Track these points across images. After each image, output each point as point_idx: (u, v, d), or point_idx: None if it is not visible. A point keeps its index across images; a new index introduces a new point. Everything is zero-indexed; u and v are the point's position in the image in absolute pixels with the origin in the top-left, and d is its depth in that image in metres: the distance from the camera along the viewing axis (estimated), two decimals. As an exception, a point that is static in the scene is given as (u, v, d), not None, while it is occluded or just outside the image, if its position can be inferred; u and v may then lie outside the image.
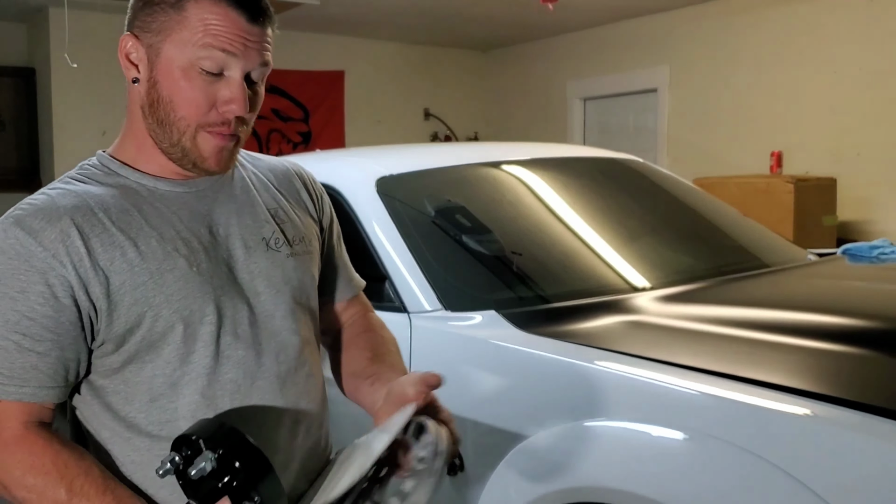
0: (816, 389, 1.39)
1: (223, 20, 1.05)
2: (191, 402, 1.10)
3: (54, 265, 1.04)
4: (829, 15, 4.91)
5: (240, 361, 1.13)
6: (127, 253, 1.07)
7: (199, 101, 1.07)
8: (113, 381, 1.11)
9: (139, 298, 1.07)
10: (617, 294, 2.04)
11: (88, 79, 5.43)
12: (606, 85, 6.32)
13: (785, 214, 4.14)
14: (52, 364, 1.05)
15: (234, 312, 1.13)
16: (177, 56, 1.06)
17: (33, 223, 1.05)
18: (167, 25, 1.06)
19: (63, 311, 1.05)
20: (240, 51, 1.06)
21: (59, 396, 1.08)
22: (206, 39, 1.05)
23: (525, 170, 2.58)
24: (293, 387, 1.18)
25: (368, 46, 6.78)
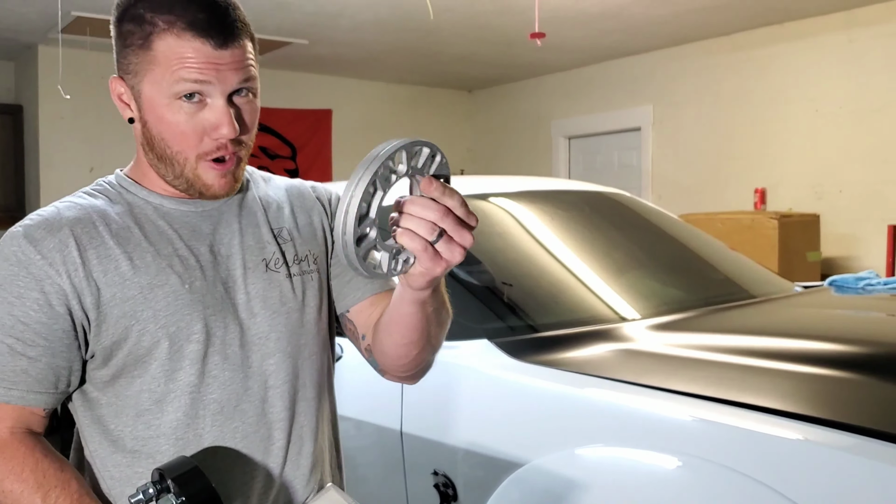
0: (810, 413, 1.39)
1: (190, 51, 1.04)
2: (173, 420, 1.10)
3: (50, 273, 1.06)
4: (810, 54, 5.00)
5: (225, 383, 1.12)
6: (120, 266, 1.08)
7: (188, 133, 1.07)
8: (106, 394, 1.11)
9: (127, 312, 1.07)
10: (606, 323, 2.05)
11: (76, 116, 5.45)
12: (591, 124, 6.39)
13: (770, 250, 4.17)
14: (41, 370, 1.07)
15: (224, 333, 1.12)
16: (155, 95, 1.07)
17: (36, 233, 1.08)
18: (141, 66, 1.07)
19: (56, 318, 1.06)
20: (213, 77, 1.05)
21: (48, 402, 1.09)
22: (178, 74, 1.04)
23: (513, 202, 2.59)
24: (282, 412, 1.16)
25: (355, 86, 6.84)
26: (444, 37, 5.38)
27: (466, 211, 0.93)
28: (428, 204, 0.91)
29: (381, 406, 1.93)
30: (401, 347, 1.15)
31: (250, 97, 1.11)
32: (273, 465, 1.15)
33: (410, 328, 1.10)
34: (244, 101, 1.10)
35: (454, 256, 0.93)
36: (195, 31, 1.04)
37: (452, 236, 0.92)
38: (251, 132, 1.13)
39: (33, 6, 4.51)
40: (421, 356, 1.16)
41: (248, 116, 1.11)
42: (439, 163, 0.95)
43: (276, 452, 1.15)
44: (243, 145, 1.12)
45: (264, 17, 4.78)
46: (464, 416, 1.78)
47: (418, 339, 1.12)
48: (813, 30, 4.98)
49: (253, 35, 1.12)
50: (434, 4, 4.03)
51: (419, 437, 1.85)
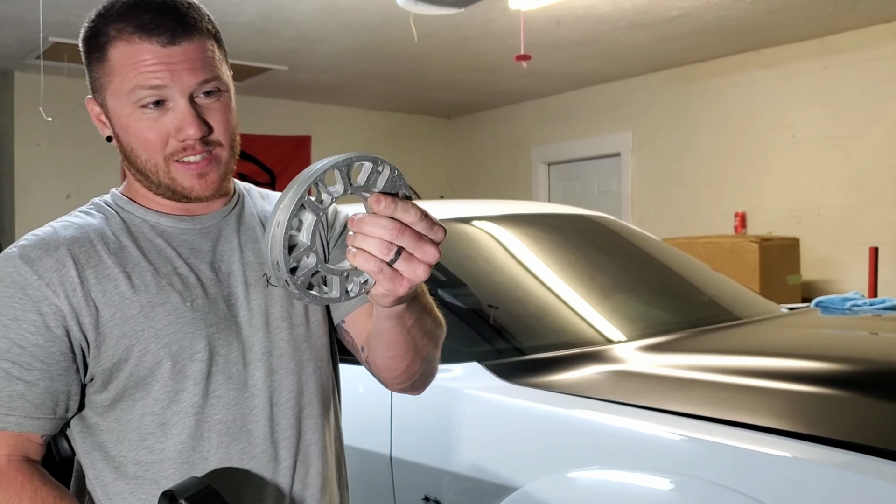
0: (801, 430, 1.39)
1: (140, 55, 1.03)
2: (178, 443, 1.07)
3: (48, 294, 1.03)
4: (787, 81, 5.06)
5: (230, 402, 1.09)
6: (119, 286, 1.06)
7: (153, 139, 1.06)
8: (106, 420, 1.08)
9: (127, 332, 1.04)
10: (594, 346, 2.03)
11: (52, 143, 5.40)
12: (570, 150, 6.42)
13: (751, 274, 4.19)
14: (39, 394, 1.03)
15: (227, 351, 1.09)
16: (117, 106, 1.06)
17: (32, 253, 1.05)
18: (102, 81, 1.07)
19: (54, 341, 1.03)
20: (167, 78, 1.03)
21: (46, 428, 1.05)
22: (134, 81, 1.03)
23: (498, 226, 2.58)
24: (287, 430, 1.13)
25: (334, 112, 6.84)
26: (426, 63, 5.40)
27: (429, 224, 0.86)
28: (380, 221, 0.84)
29: (369, 430, 1.90)
30: (388, 360, 1.12)
31: (219, 97, 1.08)
32: (282, 485, 1.12)
33: (393, 342, 1.07)
34: (211, 101, 1.08)
35: (417, 274, 0.86)
36: (142, 32, 1.03)
37: (413, 253, 0.86)
38: (227, 132, 1.10)
39: (9, 33, 4.47)
40: (412, 368, 1.13)
41: (217, 115, 1.08)
42: (389, 177, 0.87)
43: (284, 472, 1.12)
44: (218, 145, 1.09)
45: (244, 43, 4.77)
46: (454, 440, 1.75)
47: (404, 351, 1.08)
48: (788, 57, 5.05)
49: (215, 34, 1.10)
50: (416, 31, 4.05)
51: (409, 461, 1.82)
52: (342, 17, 4.33)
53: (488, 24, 4.50)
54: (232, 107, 1.11)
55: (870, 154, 4.71)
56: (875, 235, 4.61)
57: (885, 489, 1.24)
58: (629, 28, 4.65)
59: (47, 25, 4.28)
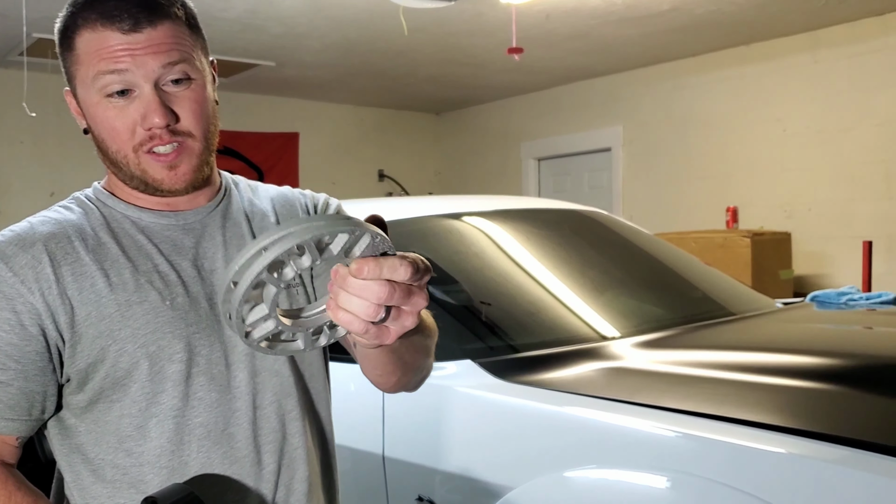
0: (799, 426, 1.38)
1: (104, 41, 1.01)
2: (157, 447, 1.03)
3: (22, 291, 1.00)
4: (777, 75, 5.05)
5: (211, 405, 1.05)
6: (96, 283, 1.02)
7: (120, 128, 1.03)
8: (84, 421, 1.05)
9: (103, 331, 1.01)
10: (588, 343, 2.01)
11: (35, 140, 5.34)
12: (560, 145, 6.40)
13: (743, 268, 4.18)
14: (13, 395, 1.00)
15: (209, 352, 1.06)
16: (85, 96, 1.05)
17: (7, 249, 1.02)
18: (73, 70, 1.05)
19: (29, 340, 1.00)
20: (129, 64, 1.00)
21: (21, 430, 1.02)
22: (97, 68, 1.01)
23: (489, 221, 2.55)
24: (270, 433, 1.09)
25: (322, 109, 6.80)
26: (414, 58, 5.37)
27: (416, 270, 0.77)
28: (367, 284, 0.75)
29: (361, 429, 1.87)
30: (379, 377, 1.09)
31: (189, 85, 1.05)
32: (266, 491, 1.08)
33: (381, 363, 1.04)
34: (179, 89, 1.04)
35: (406, 325, 0.80)
36: (105, 19, 1.01)
37: (403, 308, 0.79)
38: (198, 122, 1.06)
39: (-8, 27, 4.41)
40: (403, 380, 1.10)
41: (185, 103, 1.05)
42: (369, 244, 0.76)
43: (268, 477, 1.08)
44: (188, 135, 1.05)
45: (231, 38, 4.73)
46: (448, 439, 1.72)
47: (393, 369, 1.05)
48: (779, 51, 5.03)
49: (188, 20, 1.07)
50: (405, 25, 4.01)
51: (402, 461, 1.79)
52: (329, 11, 4.29)
53: (478, 19, 4.46)
54: (206, 96, 1.07)
55: (861, 148, 4.70)
56: (866, 229, 4.61)
57: (882, 485, 1.22)
58: (620, 22, 4.63)
59: (30, 21, 4.22)
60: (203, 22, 1.11)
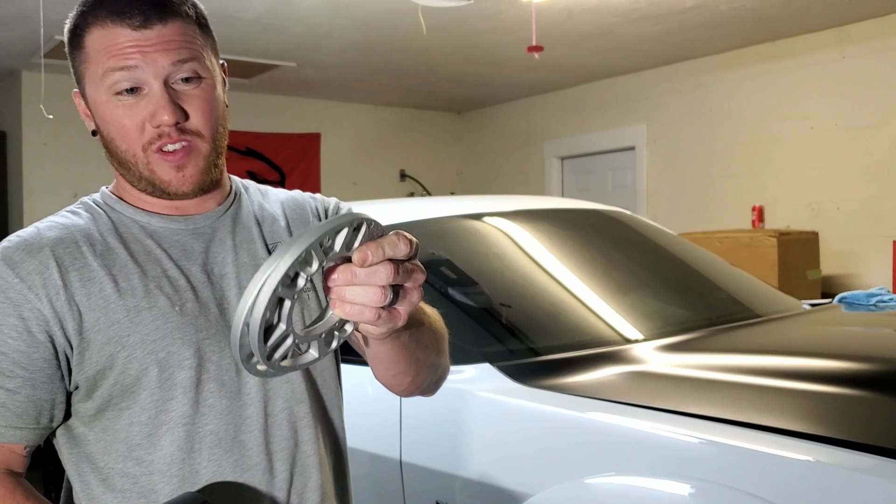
0: (827, 433, 1.34)
1: (113, 38, 1.00)
2: (167, 455, 1.01)
3: (29, 297, 0.98)
4: (804, 72, 4.97)
5: (222, 412, 1.03)
6: (105, 289, 1.00)
7: (129, 127, 1.02)
8: (93, 430, 1.03)
9: (112, 337, 0.99)
10: (610, 346, 1.97)
11: (59, 142, 5.38)
12: (583, 144, 6.35)
13: (769, 269, 4.11)
14: (21, 403, 0.98)
15: (219, 358, 1.03)
16: (94, 94, 1.03)
17: (14, 255, 1.00)
18: (82, 69, 1.04)
19: (37, 347, 0.98)
20: (139, 61, 0.99)
21: (29, 439, 1.00)
22: (106, 65, 1.00)
23: (510, 222, 2.52)
24: (282, 441, 1.07)
25: (344, 109, 6.80)
26: (435, 57, 5.34)
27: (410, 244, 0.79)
28: (372, 270, 0.76)
29: (378, 433, 1.85)
30: (392, 378, 1.08)
31: (199, 84, 1.03)
32: (278, 499, 1.06)
33: (393, 362, 1.02)
34: (189, 87, 1.03)
35: (413, 301, 0.82)
36: (115, 16, 1.00)
37: (407, 285, 0.81)
38: (207, 122, 1.04)
39: (15, 31, 4.44)
40: (417, 380, 1.08)
41: (195, 102, 1.03)
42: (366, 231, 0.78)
43: (280, 486, 1.06)
44: (196, 135, 1.03)
45: (251, 39, 4.72)
46: (466, 444, 1.69)
47: (406, 368, 1.04)
48: (805, 47, 4.96)
49: (198, 19, 1.05)
50: (425, 24, 3.98)
51: (419, 466, 1.76)
52: (349, 11, 4.28)
53: (499, 17, 4.43)
54: (215, 96, 1.06)
55: (890, 144, 4.62)
56: (896, 228, 4.52)
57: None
58: (642, 20, 4.57)
59: (51, 23, 4.24)
60: (222, 22, 1.10)
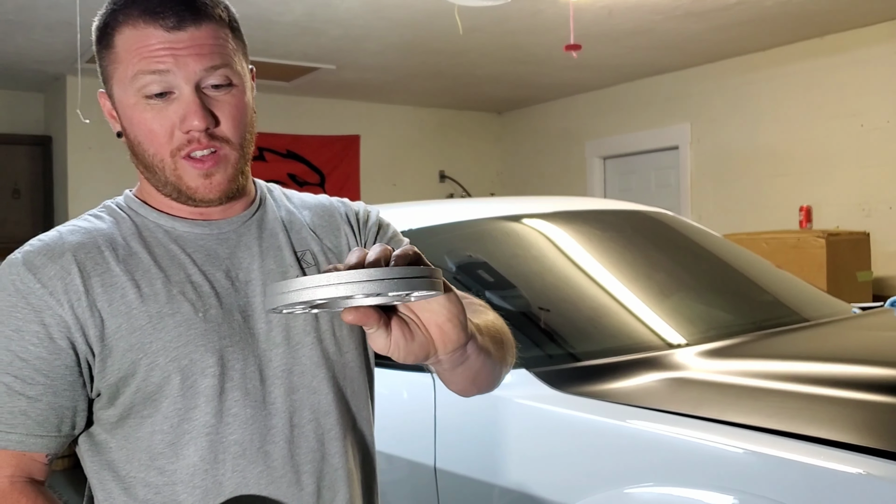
0: (879, 446, 1.28)
1: (145, 39, 0.98)
2: (190, 465, 0.99)
3: (51, 303, 0.97)
4: (854, 68, 4.84)
5: (246, 421, 1.01)
6: (127, 295, 0.99)
7: (158, 130, 1.00)
8: (115, 437, 1.02)
9: (134, 344, 0.97)
10: (652, 351, 1.92)
11: (103, 146, 5.45)
12: (626, 143, 6.26)
13: (818, 270, 4.01)
14: (42, 411, 0.97)
15: (243, 366, 1.01)
16: (123, 96, 1.02)
17: (35, 260, 0.99)
18: (110, 69, 1.02)
19: (58, 353, 0.97)
20: (171, 64, 0.97)
21: (50, 447, 0.99)
22: (137, 67, 0.98)
23: (549, 223, 2.48)
24: (309, 453, 1.04)
25: (383, 110, 6.80)
26: (473, 58, 5.31)
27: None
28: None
29: (412, 439, 1.82)
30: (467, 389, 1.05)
31: (230, 90, 1.01)
32: None
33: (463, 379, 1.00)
34: (220, 93, 1.01)
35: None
36: (148, 16, 0.98)
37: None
38: (236, 129, 1.02)
39: (59, 36, 4.51)
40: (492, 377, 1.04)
41: (225, 108, 1.01)
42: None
43: (307, 500, 1.03)
44: (225, 142, 1.02)
45: (290, 42, 4.74)
46: (502, 452, 1.66)
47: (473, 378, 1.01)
48: (855, 42, 4.83)
49: (230, 23, 1.04)
50: (462, 24, 3.95)
51: (454, 473, 1.73)
52: (386, 13, 4.26)
53: (537, 16, 4.38)
54: (245, 102, 1.04)
55: (944, 142, 4.48)
56: (951, 228, 4.38)
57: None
58: (685, 17, 4.49)
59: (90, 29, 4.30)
60: (262, 26, 1.08)
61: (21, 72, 5.33)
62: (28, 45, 4.69)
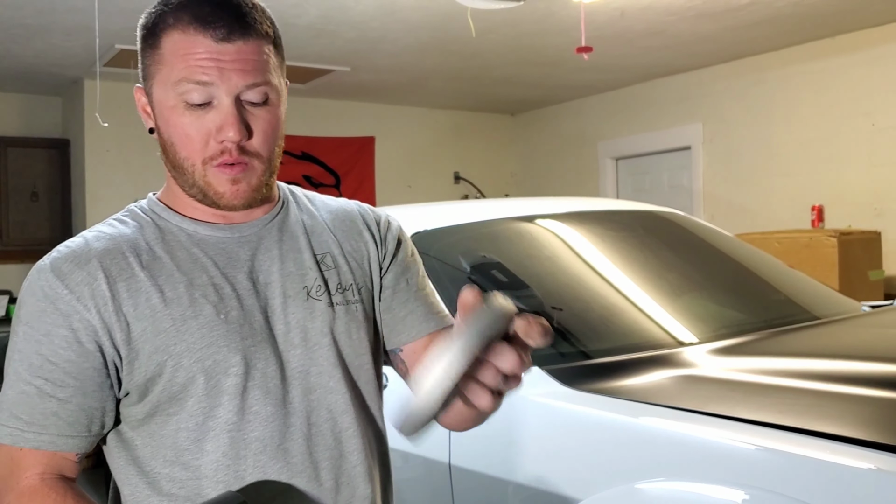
0: (887, 441, 1.29)
1: (193, 47, 0.99)
2: (214, 461, 1.03)
3: (78, 309, 1.00)
4: (866, 67, 4.85)
5: (267, 419, 1.04)
6: (151, 299, 1.02)
7: (194, 136, 1.02)
8: (140, 434, 1.05)
9: (159, 346, 1.01)
10: (663, 349, 1.94)
11: (121, 149, 5.50)
12: (639, 144, 6.28)
13: (829, 270, 4.02)
14: (72, 411, 1.00)
15: (264, 365, 1.05)
16: (162, 96, 1.03)
17: (63, 266, 1.02)
18: (153, 68, 1.04)
19: (86, 356, 1.00)
20: (216, 76, 0.99)
21: (81, 447, 1.02)
22: (182, 73, 1.00)
23: (561, 223, 2.51)
24: (326, 451, 1.08)
25: (398, 112, 6.83)
26: (487, 59, 5.34)
27: None
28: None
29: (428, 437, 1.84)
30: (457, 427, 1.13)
31: (267, 106, 1.04)
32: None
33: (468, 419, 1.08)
34: (257, 109, 1.03)
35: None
36: (198, 23, 0.99)
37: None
38: (267, 144, 1.05)
39: (78, 40, 4.56)
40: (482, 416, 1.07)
41: (261, 123, 1.04)
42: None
43: (326, 495, 1.07)
44: (255, 156, 1.04)
45: (305, 44, 4.78)
46: (515, 448, 1.69)
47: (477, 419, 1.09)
48: (867, 42, 4.83)
49: (275, 39, 1.06)
50: (476, 27, 3.99)
51: (469, 470, 1.76)
52: (401, 15, 4.30)
53: (550, 18, 4.41)
54: (279, 117, 1.07)
55: (957, 142, 4.47)
56: (964, 227, 4.38)
57: None
58: (697, 18, 4.51)
59: (113, 32, 4.35)
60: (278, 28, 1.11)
61: (39, 76, 5.39)
62: (46, 49, 4.74)
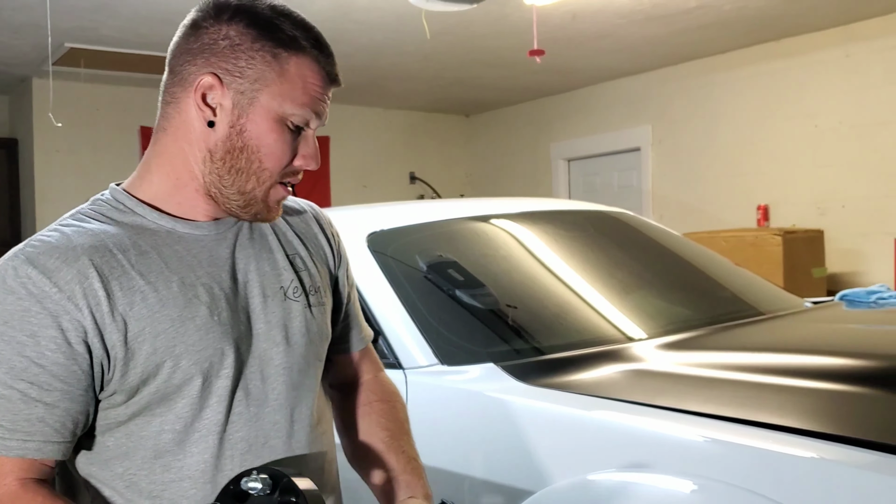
0: (828, 430, 1.35)
1: (317, 80, 1.04)
2: (199, 462, 1.02)
3: (69, 308, 0.95)
4: (808, 70, 4.99)
5: (251, 419, 1.05)
6: (147, 298, 0.99)
7: (284, 154, 1.04)
8: (114, 435, 1.02)
9: (159, 347, 0.99)
10: (613, 344, 1.99)
11: (71, 148, 5.42)
12: (590, 145, 6.37)
13: (774, 267, 4.13)
14: (59, 417, 0.96)
15: (250, 365, 1.06)
16: (273, 108, 1.02)
17: (48, 262, 0.96)
18: (266, 76, 1.01)
19: (76, 358, 0.96)
20: (322, 111, 1.06)
21: (64, 452, 0.98)
22: (304, 98, 1.03)
23: (515, 223, 2.55)
24: (307, 446, 1.11)
25: (353, 112, 6.83)
26: (442, 61, 5.37)
27: None
28: None
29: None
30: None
31: None
32: None
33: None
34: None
35: None
36: (324, 59, 1.05)
37: None
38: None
39: (26, 39, 4.49)
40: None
41: None
42: None
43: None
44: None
45: (259, 44, 4.76)
46: (471, 443, 1.72)
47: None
48: (810, 46, 4.97)
49: None
50: (431, 28, 4.02)
51: (424, 465, 1.78)
52: (356, 15, 4.31)
53: (504, 21, 4.46)
54: None
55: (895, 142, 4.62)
56: (902, 226, 4.53)
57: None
58: (646, 21, 4.59)
59: (63, 31, 4.30)
60: None
61: (-14, 74, 5.31)
62: (-6, 47, 4.67)
